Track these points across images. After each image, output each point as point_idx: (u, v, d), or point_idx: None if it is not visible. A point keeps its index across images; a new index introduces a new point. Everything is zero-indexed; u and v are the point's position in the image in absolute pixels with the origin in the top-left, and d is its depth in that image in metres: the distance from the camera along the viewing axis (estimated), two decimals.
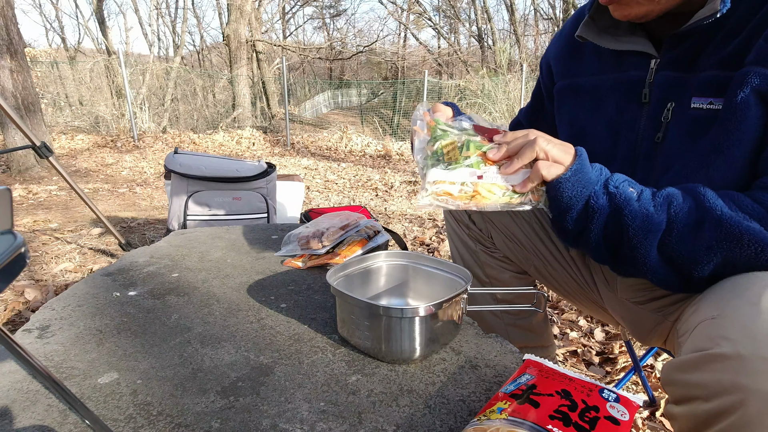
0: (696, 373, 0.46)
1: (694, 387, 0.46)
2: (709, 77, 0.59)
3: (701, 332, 0.49)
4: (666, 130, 0.64)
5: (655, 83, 0.65)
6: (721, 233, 0.52)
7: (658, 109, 0.65)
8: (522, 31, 13.88)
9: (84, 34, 24.67)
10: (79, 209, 3.07)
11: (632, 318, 0.77)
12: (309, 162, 5.86)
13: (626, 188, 0.57)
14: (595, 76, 0.74)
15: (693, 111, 0.61)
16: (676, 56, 0.63)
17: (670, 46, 0.64)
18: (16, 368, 0.63)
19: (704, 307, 0.52)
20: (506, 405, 0.48)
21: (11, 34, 3.92)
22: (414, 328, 0.64)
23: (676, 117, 0.63)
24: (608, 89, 0.72)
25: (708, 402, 0.45)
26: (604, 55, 0.73)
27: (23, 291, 1.73)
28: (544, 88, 0.88)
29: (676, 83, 0.63)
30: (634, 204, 0.56)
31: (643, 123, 0.67)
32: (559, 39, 0.83)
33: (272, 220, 1.96)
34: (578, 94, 0.77)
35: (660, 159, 0.65)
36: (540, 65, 0.89)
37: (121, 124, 7.34)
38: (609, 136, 0.71)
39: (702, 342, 0.47)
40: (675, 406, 0.51)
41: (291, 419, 0.54)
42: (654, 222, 0.55)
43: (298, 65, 20.03)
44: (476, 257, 0.97)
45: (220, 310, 0.82)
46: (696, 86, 0.61)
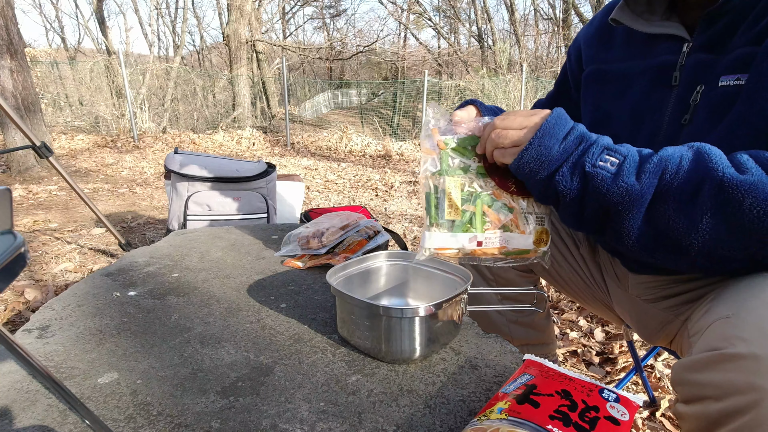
0: (708, 372, 0.46)
1: (706, 386, 0.46)
2: (739, 55, 0.59)
3: (715, 331, 0.48)
4: (693, 112, 0.64)
5: (686, 66, 0.65)
6: (720, 197, 0.49)
7: (688, 92, 0.64)
8: (522, 31, 13.87)
9: (84, 34, 24.68)
10: (79, 209, 3.07)
11: (640, 316, 0.77)
12: (309, 162, 5.86)
13: (604, 164, 0.55)
14: (624, 63, 0.74)
15: (721, 89, 0.60)
16: (709, 38, 0.63)
17: (702, 28, 0.64)
18: (16, 368, 0.63)
19: (718, 306, 0.51)
20: (506, 405, 0.48)
21: (11, 34, 3.92)
22: (414, 328, 0.64)
23: (705, 98, 0.62)
24: (636, 75, 0.72)
25: (720, 402, 0.44)
26: (635, 42, 0.73)
27: (23, 291, 1.73)
28: (571, 77, 0.88)
29: (707, 65, 0.63)
30: (609, 182, 0.54)
31: (671, 106, 0.67)
32: (590, 26, 0.83)
33: (272, 220, 1.96)
34: (605, 80, 0.77)
35: (684, 140, 0.64)
36: (568, 53, 0.88)
37: (121, 124, 7.34)
38: (633, 120, 0.71)
39: (715, 341, 0.46)
40: (684, 406, 0.50)
41: (291, 419, 0.54)
42: (635, 195, 0.52)
43: (298, 65, 20.02)
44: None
45: (220, 310, 0.82)
46: (725, 65, 0.60)
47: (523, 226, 0.64)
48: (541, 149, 0.58)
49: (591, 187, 0.55)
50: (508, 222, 0.64)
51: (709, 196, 0.49)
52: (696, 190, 0.50)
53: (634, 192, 0.52)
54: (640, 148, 0.57)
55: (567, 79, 0.89)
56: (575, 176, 0.56)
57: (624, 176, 0.53)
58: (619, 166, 0.54)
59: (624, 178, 0.53)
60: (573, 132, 0.58)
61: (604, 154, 0.55)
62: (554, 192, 0.59)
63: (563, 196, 0.58)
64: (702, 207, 0.50)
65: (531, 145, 0.58)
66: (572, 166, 0.57)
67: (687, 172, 0.51)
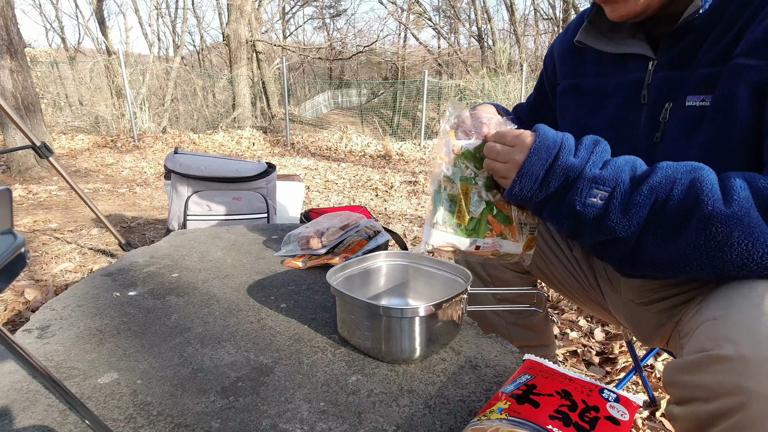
0: (697, 374, 0.46)
1: (696, 388, 0.46)
2: (703, 75, 0.60)
3: (703, 333, 0.48)
4: (664, 130, 0.64)
5: (653, 84, 0.66)
6: (708, 233, 0.49)
7: (657, 110, 0.65)
8: (522, 31, 13.87)
9: (84, 34, 24.67)
10: (79, 209, 3.07)
11: (635, 319, 0.77)
12: (309, 162, 5.86)
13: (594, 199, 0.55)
14: (598, 78, 0.75)
15: (687, 109, 0.61)
16: (673, 56, 0.63)
17: (666, 46, 0.64)
18: (16, 368, 0.63)
19: (707, 308, 0.51)
20: (506, 405, 0.48)
21: (11, 34, 3.92)
22: (414, 328, 0.64)
23: (673, 116, 0.63)
24: (610, 91, 0.73)
25: (709, 403, 0.44)
26: (606, 59, 0.73)
27: (23, 291, 1.73)
28: (548, 85, 0.89)
29: (673, 83, 0.63)
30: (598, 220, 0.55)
31: (642, 123, 0.68)
32: (563, 39, 0.83)
33: (272, 220, 1.96)
34: (581, 95, 0.78)
35: (659, 158, 0.65)
36: (545, 62, 0.89)
37: (121, 124, 7.34)
38: (610, 136, 0.71)
39: (704, 343, 0.47)
40: (676, 407, 0.50)
41: (291, 419, 0.54)
42: (623, 230, 0.54)
43: (298, 65, 20.02)
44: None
45: (220, 310, 0.82)
46: (691, 85, 0.61)
47: (518, 236, 0.69)
48: (523, 189, 0.60)
49: (581, 223, 0.57)
50: (506, 231, 0.68)
51: (696, 229, 0.49)
52: (684, 222, 0.50)
53: (622, 228, 0.54)
54: (633, 162, 0.56)
55: (545, 86, 0.90)
56: (563, 212, 0.58)
57: (612, 213, 0.54)
58: (608, 202, 0.54)
59: (611, 215, 0.54)
60: (557, 165, 0.58)
61: (592, 189, 0.55)
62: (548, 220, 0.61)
63: (555, 226, 0.61)
64: (688, 239, 0.50)
65: (515, 184, 0.60)
66: (558, 203, 0.58)
67: (677, 202, 0.51)
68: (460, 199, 0.67)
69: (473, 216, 0.67)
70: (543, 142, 0.59)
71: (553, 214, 0.60)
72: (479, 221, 0.67)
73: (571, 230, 0.59)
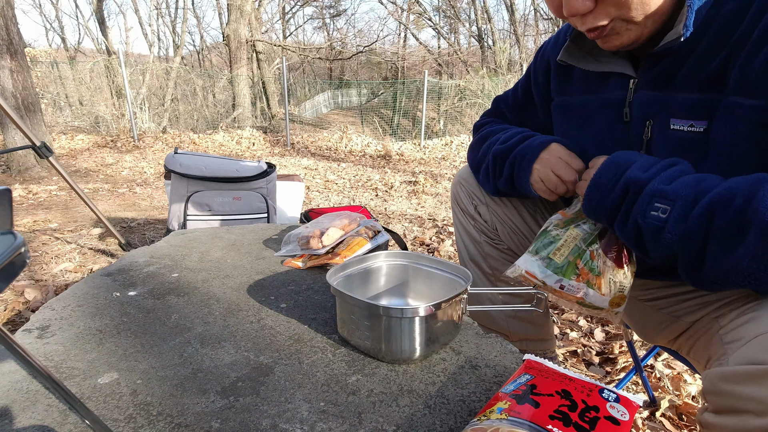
0: (751, 386, 0.44)
1: (747, 400, 0.44)
2: (688, 100, 0.60)
3: (762, 344, 0.47)
4: (648, 148, 0.66)
5: (634, 102, 0.66)
6: (766, 243, 0.47)
7: (640, 128, 0.66)
8: (522, 31, 13.87)
9: (84, 34, 24.69)
10: (79, 209, 3.07)
11: (640, 316, 0.77)
12: (309, 162, 5.86)
13: (655, 213, 0.56)
14: (583, 96, 0.76)
15: (673, 132, 0.62)
16: (654, 76, 0.64)
17: (646, 66, 0.65)
18: (16, 368, 0.63)
19: (764, 317, 0.50)
20: (506, 405, 0.48)
21: (11, 34, 3.92)
22: (414, 328, 0.64)
23: (657, 135, 0.64)
24: (595, 108, 0.74)
25: (761, 418, 0.43)
26: (590, 76, 0.74)
27: (23, 291, 1.73)
28: (536, 92, 0.88)
29: (654, 102, 0.64)
30: (660, 232, 0.55)
31: (627, 140, 0.69)
32: (555, 43, 0.82)
33: (272, 220, 1.96)
34: (568, 112, 0.80)
35: None
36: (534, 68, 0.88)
37: (121, 124, 7.34)
38: (599, 152, 0.72)
39: (763, 354, 0.45)
40: (714, 416, 0.49)
41: (291, 419, 0.54)
42: (685, 240, 0.53)
43: (298, 65, 20.01)
44: (480, 248, 0.98)
45: (220, 310, 0.82)
46: (675, 107, 0.61)
47: (605, 290, 0.69)
48: (591, 200, 0.63)
49: (644, 237, 0.58)
50: (593, 280, 0.69)
51: (753, 239, 0.48)
52: (742, 233, 0.49)
53: (681, 242, 0.53)
54: (704, 178, 0.55)
55: (530, 85, 0.89)
56: (629, 227, 0.59)
57: (670, 226, 0.54)
58: (668, 215, 0.54)
59: (670, 228, 0.54)
60: (623, 178, 0.60)
61: (653, 203, 0.56)
62: (619, 235, 0.63)
63: (625, 240, 0.62)
64: (746, 250, 0.49)
65: (586, 195, 0.64)
66: (624, 218, 0.59)
67: (735, 213, 0.50)
68: (565, 241, 0.70)
69: (568, 258, 0.70)
70: (616, 157, 0.62)
71: (621, 228, 0.61)
72: (570, 262, 0.69)
73: (637, 245, 0.60)
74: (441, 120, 9.75)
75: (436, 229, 2.81)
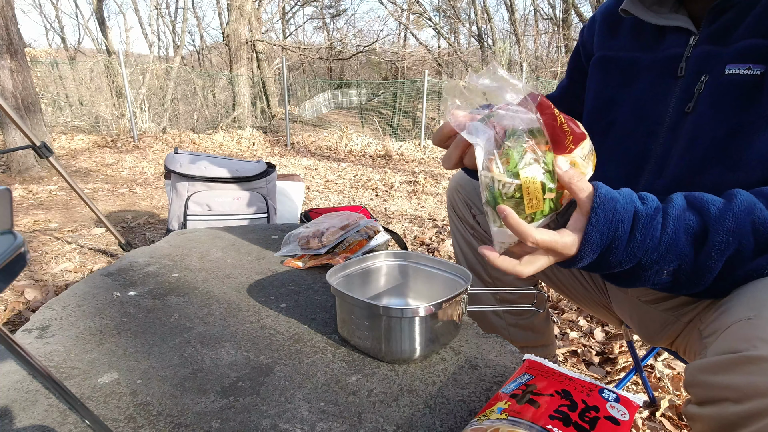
0: (727, 374, 0.45)
1: (724, 389, 0.45)
2: (748, 45, 0.59)
3: (735, 333, 0.47)
4: (697, 101, 0.64)
5: (692, 57, 0.66)
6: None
7: (693, 82, 0.65)
8: (522, 31, 13.87)
9: (84, 34, 24.70)
10: (79, 209, 3.07)
11: (641, 317, 0.77)
12: (309, 162, 5.86)
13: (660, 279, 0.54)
14: (631, 53, 0.74)
15: (728, 77, 0.61)
16: (715, 30, 0.64)
17: (709, 21, 0.64)
18: (16, 368, 0.63)
19: (737, 308, 0.50)
20: (506, 405, 0.48)
21: (11, 34, 3.92)
22: (414, 328, 0.64)
23: (709, 87, 0.63)
24: (644, 67, 0.72)
25: (738, 404, 0.43)
26: (644, 33, 0.73)
27: (23, 291, 1.73)
28: (584, 58, 0.86)
29: (712, 56, 0.63)
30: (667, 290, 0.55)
31: (675, 95, 0.67)
32: (605, 10, 0.82)
33: (272, 220, 1.96)
34: (611, 67, 0.77)
35: (687, 128, 0.65)
36: (582, 36, 0.87)
37: (121, 124, 7.34)
38: (635, 109, 0.70)
39: (736, 343, 0.46)
40: (697, 407, 0.49)
41: (291, 419, 0.54)
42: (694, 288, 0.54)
43: (298, 65, 20.01)
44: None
45: (220, 310, 0.82)
46: (733, 54, 0.61)
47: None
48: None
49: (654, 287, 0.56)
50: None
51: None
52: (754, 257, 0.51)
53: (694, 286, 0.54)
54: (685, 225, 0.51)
55: (580, 63, 0.87)
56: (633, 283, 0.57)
57: (683, 282, 0.54)
58: (675, 275, 0.53)
59: (683, 284, 0.54)
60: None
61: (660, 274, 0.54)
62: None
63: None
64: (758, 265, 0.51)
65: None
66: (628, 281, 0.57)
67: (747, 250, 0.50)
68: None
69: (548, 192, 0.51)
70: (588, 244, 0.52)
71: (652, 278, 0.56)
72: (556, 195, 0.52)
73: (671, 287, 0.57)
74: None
75: (436, 229, 2.81)
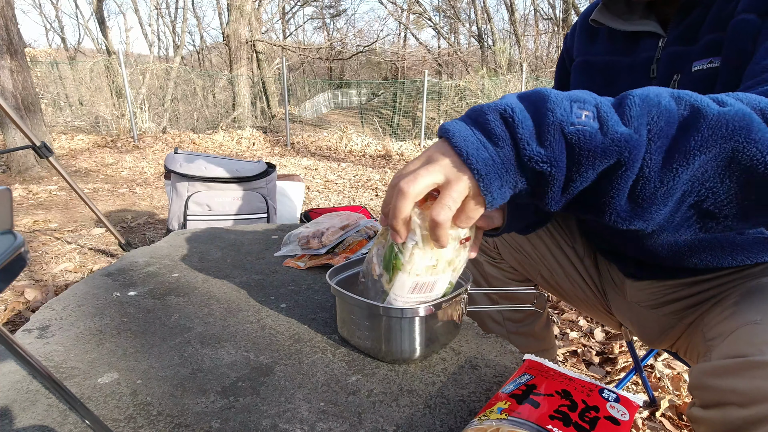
0: (733, 378, 0.45)
1: (730, 393, 0.45)
2: (709, 40, 0.61)
3: (741, 337, 0.47)
4: None
5: (662, 59, 0.68)
6: (721, 131, 0.38)
7: (665, 82, 0.67)
8: (522, 31, 13.87)
9: (84, 34, 24.70)
10: (79, 209, 3.07)
11: (641, 322, 0.77)
12: (309, 162, 5.86)
13: (582, 120, 0.40)
14: (609, 56, 0.77)
15: (695, 73, 0.62)
16: (682, 32, 0.65)
17: (675, 23, 0.66)
18: (16, 368, 0.63)
19: (743, 310, 0.50)
20: (506, 405, 0.48)
21: (11, 34, 3.92)
22: (414, 328, 0.64)
23: (682, 86, 0.64)
24: (622, 70, 0.74)
25: (744, 408, 0.43)
26: (618, 39, 0.75)
27: (23, 291, 1.73)
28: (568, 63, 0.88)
29: (680, 56, 0.65)
30: (599, 137, 0.39)
31: None
32: (582, 18, 0.85)
33: (272, 220, 1.96)
34: (591, 71, 0.79)
35: None
36: (565, 43, 0.90)
37: (121, 124, 7.34)
38: None
39: (742, 347, 0.45)
40: (701, 410, 0.49)
41: (291, 419, 0.54)
42: (635, 145, 0.39)
43: (298, 65, 20.01)
44: (480, 269, 0.97)
45: (220, 310, 0.82)
46: (698, 52, 0.62)
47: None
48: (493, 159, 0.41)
49: (578, 151, 0.40)
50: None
51: (709, 129, 0.39)
52: (686, 135, 0.39)
53: (632, 142, 0.39)
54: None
55: (565, 68, 0.89)
56: (552, 143, 0.40)
57: (612, 125, 0.40)
58: (597, 118, 0.40)
59: (613, 126, 0.40)
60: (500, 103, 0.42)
61: (575, 108, 0.41)
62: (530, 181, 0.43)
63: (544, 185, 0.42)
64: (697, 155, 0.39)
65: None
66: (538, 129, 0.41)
67: (668, 110, 0.40)
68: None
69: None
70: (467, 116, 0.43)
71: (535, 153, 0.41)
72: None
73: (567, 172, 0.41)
74: (441, 120, 9.75)
75: None
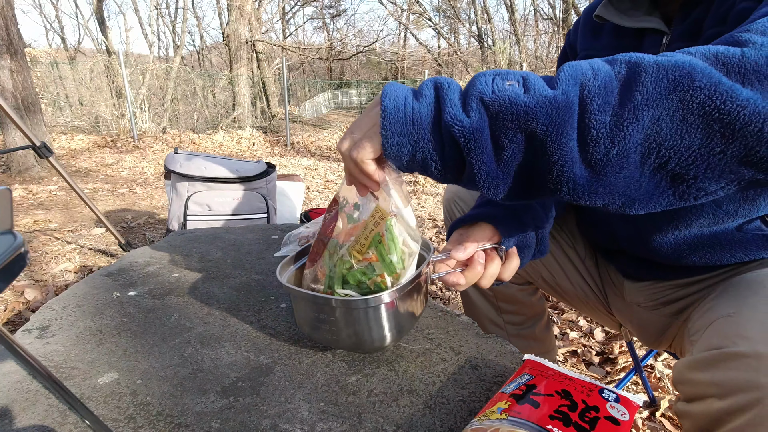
0: (710, 371, 0.46)
1: (708, 385, 0.46)
2: (711, 34, 0.61)
3: (716, 330, 0.48)
4: None
5: None
6: (664, 83, 0.37)
7: None
8: (522, 31, 13.87)
9: (84, 34, 24.70)
10: (79, 209, 3.07)
11: (641, 322, 0.77)
12: (309, 162, 5.86)
13: (505, 87, 0.39)
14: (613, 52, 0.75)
15: None
16: (685, 28, 0.65)
17: (680, 20, 0.66)
18: (16, 368, 0.63)
19: (719, 305, 0.51)
20: (506, 405, 0.48)
21: (11, 34, 3.92)
22: (380, 315, 0.58)
23: None
24: None
25: (722, 400, 0.44)
26: (623, 35, 0.75)
27: (23, 291, 1.73)
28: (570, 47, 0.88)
29: None
30: (522, 99, 0.38)
31: None
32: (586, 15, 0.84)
33: (272, 220, 1.96)
34: None
35: None
36: (567, 39, 0.89)
37: (121, 124, 7.34)
38: None
39: (717, 340, 0.46)
40: (686, 404, 0.50)
41: (291, 419, 0.54)
42: (562, 104, 0.38)
43: (298, 65, 20.02)
44: None
45: (220, 310, 0.82)
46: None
47: None
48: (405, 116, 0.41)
49: (501, 116, 0.39)
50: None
51: (648, 81, 0.37)
52: (629, 84, 0.38)
53: (561, 102, 0.38)
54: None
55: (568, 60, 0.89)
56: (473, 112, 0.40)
57: (537, 91, 0.39)
58: (524, 86, 0.40)
59: (539, 92, 0.39)
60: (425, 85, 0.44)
61: (498, 79, 0.41)
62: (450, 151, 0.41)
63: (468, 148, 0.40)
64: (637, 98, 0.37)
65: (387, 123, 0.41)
66: (463, 98, 0.41)
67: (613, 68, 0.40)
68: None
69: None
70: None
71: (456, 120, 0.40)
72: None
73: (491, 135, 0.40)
74: None
75: (436, 229, 2.81)
